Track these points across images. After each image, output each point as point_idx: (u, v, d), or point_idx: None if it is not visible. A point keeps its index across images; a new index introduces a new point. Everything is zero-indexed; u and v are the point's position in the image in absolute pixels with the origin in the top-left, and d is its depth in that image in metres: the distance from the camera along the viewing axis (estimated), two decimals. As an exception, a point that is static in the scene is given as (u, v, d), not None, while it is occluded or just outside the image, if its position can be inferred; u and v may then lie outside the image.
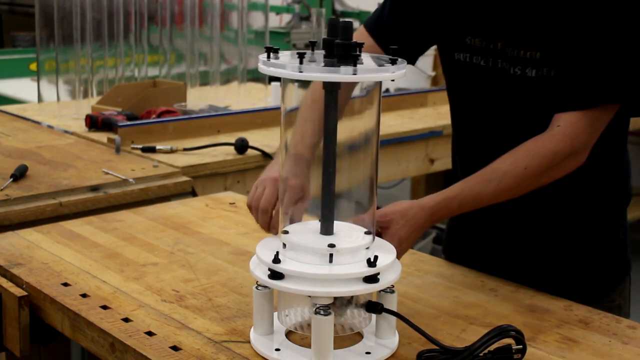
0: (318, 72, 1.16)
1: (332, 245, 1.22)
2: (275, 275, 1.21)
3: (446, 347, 1.23)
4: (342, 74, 1.15)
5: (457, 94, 1.64)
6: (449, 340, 1.32)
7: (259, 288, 1.28)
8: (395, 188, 4.72)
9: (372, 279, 1.22)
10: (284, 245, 1.25)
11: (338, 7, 5.67)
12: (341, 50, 1.18)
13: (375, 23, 1.62)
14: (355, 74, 1.15)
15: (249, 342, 1.30)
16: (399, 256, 1.35)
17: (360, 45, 1.19)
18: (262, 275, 1.23)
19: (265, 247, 1.27)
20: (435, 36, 1.61)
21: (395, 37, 1.56)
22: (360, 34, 1.62)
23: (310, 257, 1.22)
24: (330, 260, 1.21)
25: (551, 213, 1.58)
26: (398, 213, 1.40)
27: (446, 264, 1.68)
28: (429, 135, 3.03)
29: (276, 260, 1.21)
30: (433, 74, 4.01)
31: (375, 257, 1.22)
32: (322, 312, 1.19)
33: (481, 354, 1.20)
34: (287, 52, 1.24)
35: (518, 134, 1.49)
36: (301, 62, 1.15)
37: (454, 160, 1.73)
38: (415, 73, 3.83)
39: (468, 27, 1.54)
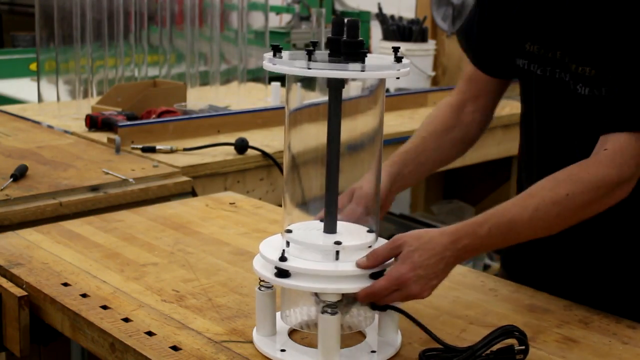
0: (326, 69, 1.16)
1: (338, 243, 1.22)
2: (282, 273, 1.21)
3: (449, 345, 1.22)
4: (350, 71, 1.16)
5: (521, 98, 1.59)
6: (448, 340, 1.31)
7: (262, 289, 1.27)
8: (395, 188, 4.71)
9: (378, 275, 1.22)
10: (287, 243, 1.25)
11: (338, 7, 5.68)
12: (348, 48, 1.18)
13: (466, 34, 1.62)
14: (363, 71, 1.16)
15: (249, 342, 1.30)
16: (413, 287, 1.21)
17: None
18: (268, 274, 1.23)
19: (269, 246, 1.27)
20: (504, 40, 1.54)
21: (485, 46, 1.56)
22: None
23: (315, 254, 1.23)
24: (337, 258, 1.22)
25: (616, 230, 1.48)
26: (411, 236, 1.24)
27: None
28: (429, 135, 3.02)
29: (282, 258, 1.21)
30: (433, 74, 4.01)
31: None
32: (329, 311, 1.19)
33: (483, 354, 1.20)
34: (292, 52, 1.24)
35: (570, 149, 1.43)
36: (309, 59, 1.16)
37: (519, 159, 1.66)
38: (415, 73, 3.82)
39: (528, 32, 1.47)
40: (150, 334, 1.32)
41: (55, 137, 2.65)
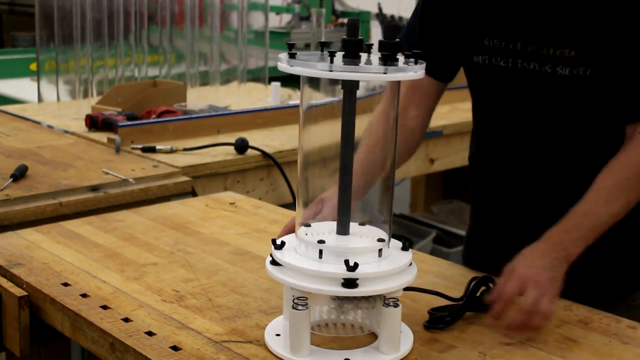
0: (349, 72, 1.15)
1: (381, 240, 1.25)
2: (350, 283, 1.18)
3: (452, 297, 1.39)
4: (373, 73, 1.15)
5: (477, 93, 1.64)
6: (449, 339, 1.32)
7: (300, 307, 1.20)
8: (396, 188, 4.71)
9: (412, 265, 1.28)
10: (320, 252, 1.21)
11: (338, 7, 5.67)
12: (386, 49, 1.18)
13: (409, 40, 1.61)
14: (385, 73, 1.15)
15: (249, 342, 1.30)
16: (545, 305, 1.30)
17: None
18: (332, 288, 1.19)
19: (301, 260, 1.23)
20: (457, 41, 1.59)
21: (431, 50, 1.55)
22: None
23: (358, 257, 1.21)
24: (380, 255, 1.23)
25: None
26: (516, 264, 1.35)
27: (446, 264, 1.68)
28: (429, 136, 3.03)
29: (351, 268, 1.18)
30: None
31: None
32: (392, 304, 1.22)
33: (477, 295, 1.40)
34: (307, 52, 1.23)
35: (538, 131, 1.51)
36: (332, 62, 1.15)
37: (471, 146, 1.71)
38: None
39: (486, 28, 1.53)
40: (150, 334, 1.32)
41: (55, 137, 2.65)
